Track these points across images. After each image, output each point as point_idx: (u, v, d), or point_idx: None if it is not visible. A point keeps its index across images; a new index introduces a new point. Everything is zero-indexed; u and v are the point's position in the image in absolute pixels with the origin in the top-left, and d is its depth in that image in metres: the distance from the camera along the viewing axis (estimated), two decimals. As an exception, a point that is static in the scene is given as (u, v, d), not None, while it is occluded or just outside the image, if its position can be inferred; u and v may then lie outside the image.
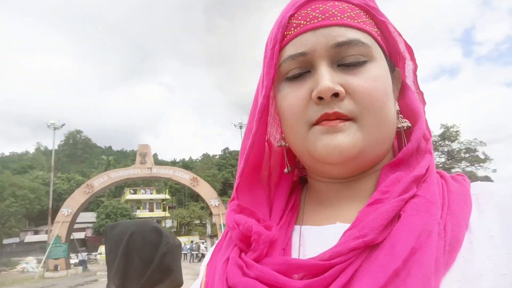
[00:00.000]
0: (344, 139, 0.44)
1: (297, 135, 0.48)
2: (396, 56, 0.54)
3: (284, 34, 0.49)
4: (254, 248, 0.45)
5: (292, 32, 0.48)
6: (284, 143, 0.54)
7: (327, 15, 0.46)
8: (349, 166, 0.47)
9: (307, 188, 0.57)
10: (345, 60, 0.45)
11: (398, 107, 0.52)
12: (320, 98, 0.44)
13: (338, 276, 0.38)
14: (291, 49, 0.48)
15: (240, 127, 33.72)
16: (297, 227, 0.50)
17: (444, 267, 0.37)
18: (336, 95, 0.44)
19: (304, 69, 0.47)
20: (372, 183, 0.49)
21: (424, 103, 0.56)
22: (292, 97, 0.47)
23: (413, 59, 0.54)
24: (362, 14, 0.48)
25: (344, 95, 0.44)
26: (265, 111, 0.51)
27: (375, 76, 0.45)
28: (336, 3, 0.47)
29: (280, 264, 0.42)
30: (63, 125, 27.50)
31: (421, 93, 0.56)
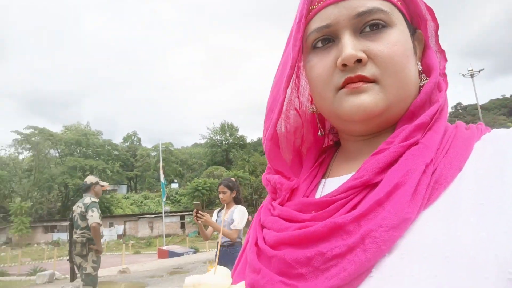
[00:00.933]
0: (367, 99, 0.47)
1: (325, 100, 0.52)
2: (417, 18, 0.56)
3: (309, 8, 0.53)
4: (278, 195, 0.55)
5: (316, 6, 0.52)
6: (315, 109, 0.59)
7: None
8: (372, 123, 0.51)
9: (339, 149, 0.62)
10: (366, 28, 0.49)
11: (420, 66, 0.55)
12: (345, 65, 0.48)
13: (340, 210, 0.44)
14: (316, 22, 0.51)
15: (471, 76, 28.48)
16: (322, 180, 0.57)
17: (427, 201, 0.40)
18: (359, 61, 0.47)
19: (330, 40, 0.51)
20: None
21: (445, 60, 0.58)
22: (320, 66, 0.51)
23: (434, 19, 0.57)
24: None
25: (366, 60, 0.48)
26: (291, 80, 0.57)
27: (394, 40, 0.49)
28: None
29: (297, 204, 0.50)
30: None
31: (442, 52, 0.59)
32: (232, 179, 4.16)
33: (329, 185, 0.54)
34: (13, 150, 41.41)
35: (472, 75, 27.44)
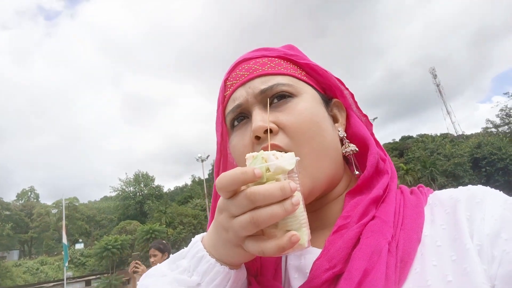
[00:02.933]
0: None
1: None
2: (331, 88, 0.61)
3: (224, 95, 0.60)
4: None
5: (229, 91, 0.58)
6: None
7: (250, 71, 0.57)
8: (307, 200, 0.51)
9: None
10: (275, 100, 0.54)
11: (344, 133, 0.58)
12: (258, 137, 0.51)
13: None
14: (230, 105, 0.58)
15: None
16: (283, 258, 0.55)
17: (397, 284, 0.40)
18: (271, 131, 0.50)
19: (244, 117, 0.56)
20: (339, 209, 0.54)
21: (370, 124, 0.61)
22: (240, 146, 0.55)
23: (346, 88, 0.62)
24: (282, 62, 0.58)
25: (277, 130, 0.51)
26: (223, 164, 0.61)
27: (301, 109, 0.52)
28: (257, 60, 0.58)
29: None
30: (207, 156, 31.37)
31: (365, 116, 0.62)
32: (163, 241, 3.99)
33: (292, 260, 0.53)
34: None
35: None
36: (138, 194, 52.10)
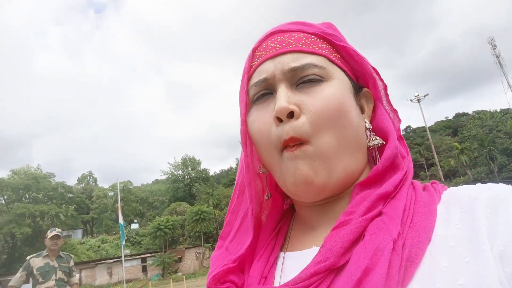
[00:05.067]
0: (305, 168, 0.46)
1: (271, 160, 0.51)
2: (364, 77, 0.56)
3: (250, 65, 0.55)
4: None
5: (256, 62, 0.54)
6: (265, 170, 0.56)
7: (283, 44, 0.52)
8: (322, 194, 0.49)
9: (295, 216, 0.59)
10: (301, 82, 0.50)
11: (370, 125, 0.54)
12: (279, 119, 0.48)
13: None
14: (255, 77, 0.53)
15: (418, 101, 30.43)
16: (281, 254, 0.53)
17: (400, 284, 0.37)
18: (292, 114, 0.47)
19: (268, 92, 0.52)
20: (346, 204, 0.50)
21: (398, 120, 0.58)
22: (260, 121, 0.51)
23: (381, 79, 0.57)
24: (318, 41, 0.53)
25: (299, 114, 0.48)
26: (248, 138, 0.55)
27: (328, 94, 0.49)
28: (292, 33, 0.53)
29: None
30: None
31: (395, 111, 0.58)
32: None
33: (289, 261, 0.51)
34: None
35: (418, 100, 29.34)
36: (186, 177, 54.10)
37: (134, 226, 47.24)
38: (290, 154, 0.47)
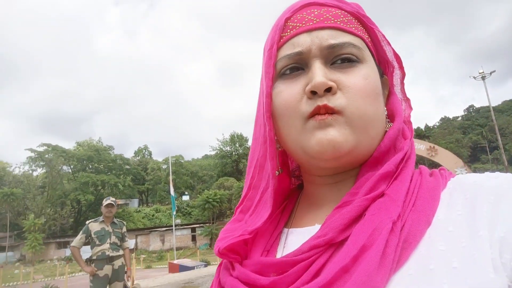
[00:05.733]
0: (336, 134, 0.45)
1: (291, 130, 0.49)
2: (384, 64, 0.56)
3: (280, 35, 0.52)
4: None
5: (289, 33, 0.51)
6: (280, 146, 0.55)
7: (321, 18, 0.50)
8: (340, 162, 0.49)
9: (302, 194, 0.60)
10: (337, 60, 0.48)
11: (386, 111, 0.54)
12: (313, 92, 0.46)
13: (303, 274, 0.41)
14: (287, 49, 0.50)
15: (483, 78, 27.94)
16: (285, 230, 0.54)
17: (396, 263, 0.38)
18: (328, 90, 0.46)
19: (299, 67, 0.50)
20: (352, 185, 0.50)
21: (410, 109, 0.58)
22: (287, 92, 0.49)
23: (401, 67, 0.57)
24: (353, 20, 0.51)
25: (336, 89, 0.47)
26: (270, 109, 0.53)
27: (365, 75, 0.48)
28: (330, 8, 0.51)
29: (255, 264, 0.47)
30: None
31: (408, 100, 0.58)
32: None
33: (292, 237, 0.52)
34: (27, 168, 42.23)
35: (483, 77, 26.96)
36: (234, 153, 55.32)
37: (185, 197, 49.67)
38: (320, 121, 0.46)
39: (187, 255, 28.08)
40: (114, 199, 5.24)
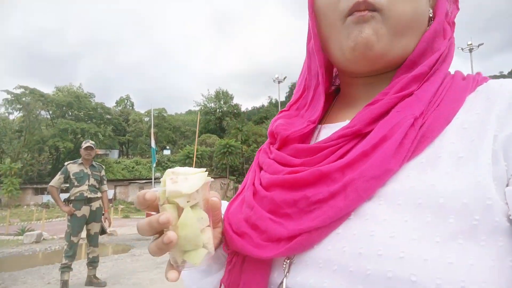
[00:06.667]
0: (370, 32, 0.46)
1: (332, 30, 0.51)
2: None
3: None
4: (276, 142, 0.58)
5: None
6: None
7: None
8: (375, 65, 0.51)
9: (338, 95, 0.64)
10: None
11: (432, 14, 0.54)
12: None
13: (328, 157, 0.47)
14: None
15: (470, 50, 28.01)
16: (318, 126, 0.58)
17: (412, 153, 0.42)
18: None
19: None
20: (387, 85, 0.51)
21: (457, 9, 0.57)
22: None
23: None
24: None
25: None
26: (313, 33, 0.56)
27: None
28: None
29: (291, 149, 0.53)
30: (285, 78, 31.06)
31: (456, 1, 0.58)
32: None
33: (324, 131, 0.56)
34: (3, 110, 40.75)
35: (470, 50, 26.99)
36: (218, 110, 55.02)
37: (166, 152, 49.60)
38: (358, 17, 0.47)
39: (166, 207, 28.52)
40: (93, 142, 5.18)
